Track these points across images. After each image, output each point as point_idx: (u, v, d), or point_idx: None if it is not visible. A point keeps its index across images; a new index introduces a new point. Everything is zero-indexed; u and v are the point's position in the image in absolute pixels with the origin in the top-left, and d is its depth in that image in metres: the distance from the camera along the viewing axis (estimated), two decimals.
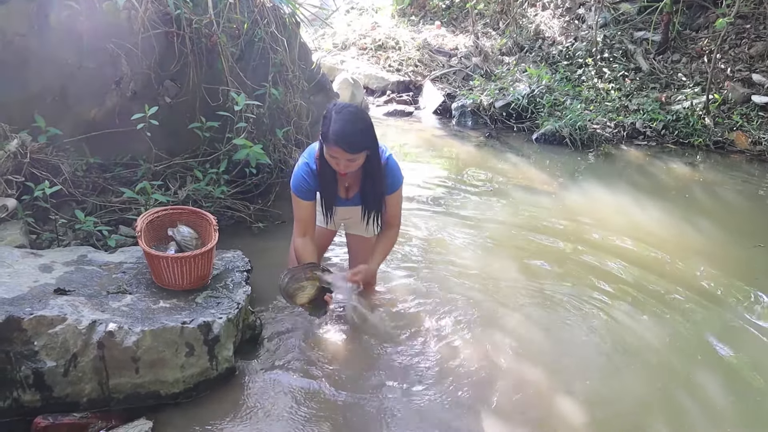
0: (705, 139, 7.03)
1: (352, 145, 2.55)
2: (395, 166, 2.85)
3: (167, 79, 3.94)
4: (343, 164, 2.61)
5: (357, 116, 2.60)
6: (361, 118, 2.62)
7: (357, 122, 2.58)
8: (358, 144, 2.56)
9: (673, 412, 2.69)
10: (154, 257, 2.62)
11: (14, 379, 2.28)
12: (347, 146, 2.54)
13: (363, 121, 2.61)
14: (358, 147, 2.56)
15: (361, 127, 2.59)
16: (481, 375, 2.82)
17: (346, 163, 2.60)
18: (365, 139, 2.60)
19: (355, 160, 2.60)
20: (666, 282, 3.78)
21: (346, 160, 2.59)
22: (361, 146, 2.58)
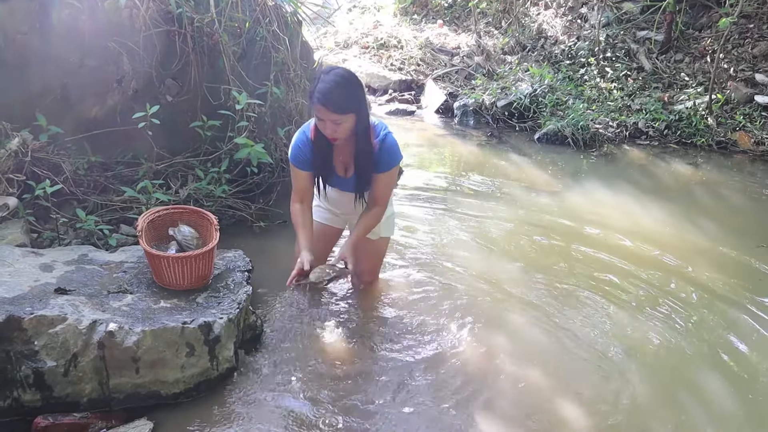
0: (708, 140, 7.02)
1: (335, 104, 2.49)
2: (393, 145, 2.76)
3: (169, 77, 3.93)
4: (329, 127, 2.56)
5: (343, 77, 2.55)
6: (348, 79, 2.56)
7: (342, 82, 2.53)
8: (341, 103, 2.50)
9: (677, 414, 2.68)
10: (155, 257, 2.62)
11: (14, 378, 2.27)
12: (330, 105, 2.49)
13: (349, 82, 2.56)
14: (340, 106, 2.50)
15: (346, 88, 2.54)
16: (483, 376, 2.81)
17: (332, 126, 2.55)
18: (349, 99, 2.54)
19: (340, 122, 2.54)
20: (669, 283, 3.77)
21: (332, 123, 2.53)
22: (345, 106, 2.52)
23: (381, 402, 2.61)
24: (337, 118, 2.52)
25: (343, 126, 2.56)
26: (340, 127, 2.56)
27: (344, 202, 3.00)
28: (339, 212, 3.11)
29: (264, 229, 3.95)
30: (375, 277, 3.37)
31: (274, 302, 3.21)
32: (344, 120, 2.54)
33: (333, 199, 3.05)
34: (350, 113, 2.54)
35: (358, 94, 2.59)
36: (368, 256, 3.22)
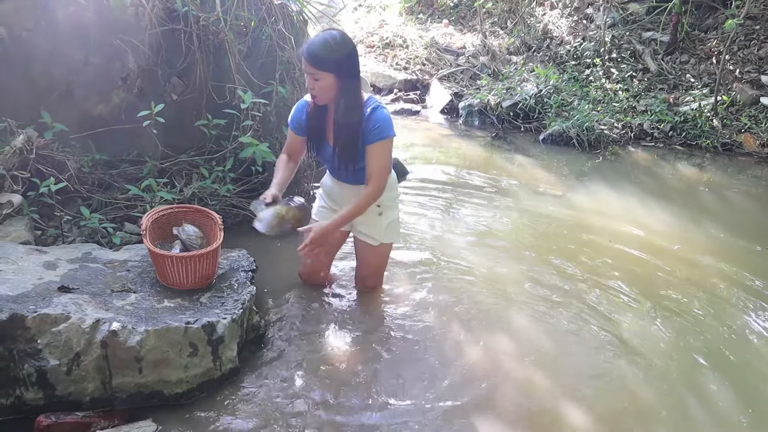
0: (713, 141, 6.99)
1: (313, 57, 2.55)
2: (382, 117, 2.72)
3: (174, 76, 3.93)
4: (309, 81, 2.62)
5: (332, 36, 2.61)
6: (336, 39, 2.60)
7: (328, 40, 2.58)
8: (320, 58, 2.55)
9: (680, 417, 2.67)
10: (159, 256, 2.61)
11: (17, 377, 2.27)
12: (309, 57, 2.56)
13: (336, 42, 2.59)
14: (318, 61, 2.55)
15: (330, 46, 2.57)
16: (486, 377, 2.80)
17: (311, 80, 2.61)
18: (329, 57, 2.57)
19: (318, 78, 2.59)
20: (673, 285, 3.76)
21: (311, 77, 2.60)
22: (323, 62, 2.56)
23: (384, 403, 2.60)
24: (314, 72, 2.58)
25: (321, 83, 2.61)
26: (318, 84, 2.61)
27: (344, 195, 2.99)
28: (339, 208, 3.04)
29: None
30: (378, 283, 3.36)
31: (278, 303, 3.21)
32: (322, 77, 2.59)
33: (334, 193, 3.06)
34: (328, 71, 2.58)
35: (341, 56, 2.60)
36: (370, 261, 3.22)
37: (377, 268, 3.28)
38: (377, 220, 3.02)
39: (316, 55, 2.56)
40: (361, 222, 3.05)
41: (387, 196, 2.97)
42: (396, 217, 3.10)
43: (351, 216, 2.85)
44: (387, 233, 3.07)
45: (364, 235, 3.09)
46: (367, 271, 3.27)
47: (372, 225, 3.04)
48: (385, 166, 2.79)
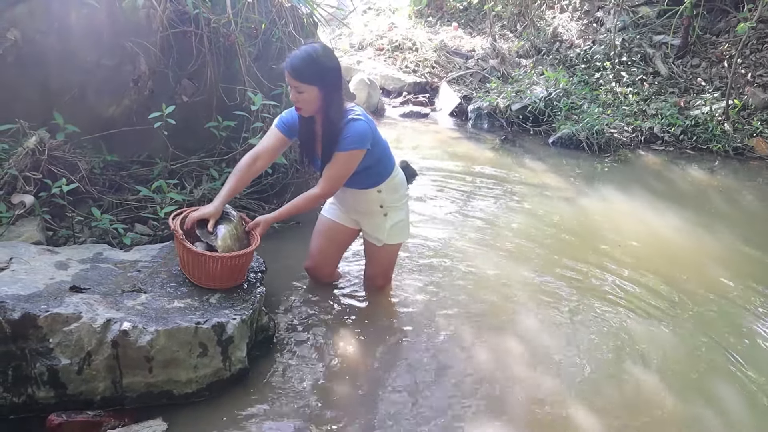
0: (724, 145, 6.96)
1: (295, 70, 2.57)
2: (359, 129, 2.70)
3: (185, 78, 3.95)
4: (293, 94, 2.64)
5: (315, 50, 2.62)
6: (318, 52, 2.62)
7: (311, 53, 2.60)
8: (300, 71, 2.57)
9: (688, 422, 2.65)
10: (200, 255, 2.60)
11: (29, 375, 2.28)
12: (291, 70, 2.58)
13: (318, 55, 2.61)
14: (300, 74, 2.57)
15: (312, 59, 2.59)
16: (493, 380, 2.80)
17: (294, 93, 2.62)
18: (311, 71, 2.59)
19: (300, 90, 2.60)
20: (682, 289, 3.74)
21: (294, 90, 2.61)
22: (304, 75, 2.58)
23: (393, 403, 2.60)
24: (297, 85, 2.59)
25: (304, 96, 2.62)
26: (301, 96, 2.62)
27: (346, 200, 3.05)
28: (345, 209, 3.12)
29: (277, 230, 3.95)
30: (387, 281, 3.38)
31: (288, 304, 3.22)
32: (304, 89, 2.60)
33: (339, 197, 3.07)
34: (311, 84, 2.60)
35: (323, 69, 2.62)
36: (377, 261, 3.24)
37: (384, 267, 3.30)
38: (381, 221, 3.05)
39: (299, 68, 2.58)
40: (367, 223, 3.09)
41: (391, 197, 3.01)
42: (402, 218, 3.11)
43: (288, 212, 2.83)
44: (391, 234, 3.08)
45: (369, 236, 3.12)
46: (375, 270, 3.28)
47: (376, 226, 3.06)
48: (340, 175, 2.77)
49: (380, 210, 3.01)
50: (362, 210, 3.06)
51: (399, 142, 6.92)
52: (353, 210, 3.09)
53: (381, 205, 3.00)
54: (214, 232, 2.70)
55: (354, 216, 3.13)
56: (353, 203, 3.05)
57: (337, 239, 3.21)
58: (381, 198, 2.99)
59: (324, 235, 3.20)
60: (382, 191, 2.98)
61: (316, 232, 3.23)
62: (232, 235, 2.70)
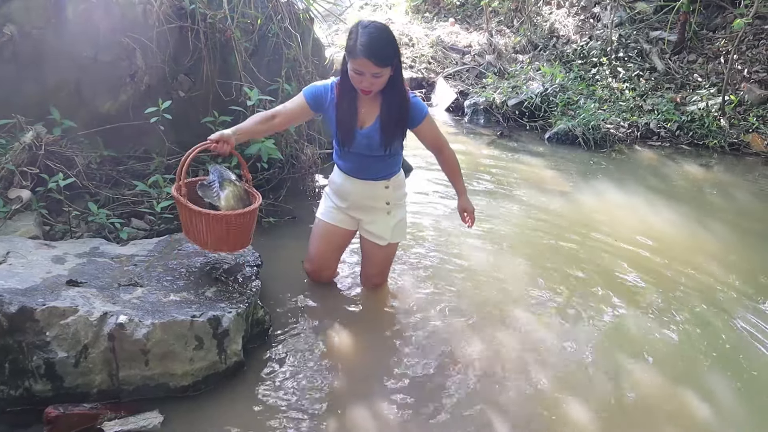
0: (720, 141, 6.97)
1: (379, 57, 2.53)
2: (415, 100, 2.84)
3: (181, 73, 3.96)
4: (367, 80, 2.59)
5: (384, 29, 2.61)
6: (389, 31, 2.62)
7: (385, 35, 2.58)
8: (385, 56, 2.55)
9: (685, 418, 2.67)
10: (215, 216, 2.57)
11: (26, 368, 2.30)
12: (374, 57, 2.52)
13: (390, 34, 2.62)
14: (385, 59, 2.55)
15: (388, 40, 2.59)
16: (487, 376, 2.81)
17: (371, 79, 2.59)
18: (392, 52, 2.60)
19: (380, 75, 2.59)
20: (678, 285, 3.76)
21: (372, 76, 2.57)
22: (388, 59, 2.57)
23: (386, 397, 2.62)
24: (379, 71, 2.57)
25: (382, 79, 2.61)
26: (378, 81, 2.61)
27: (356, 193, 3.01)
28: (347, 206, 3.07)
29: (273, 224, 3.97)
30: (384, 280, 3.38)
31: (283, 298, 3.24)
32: (384, 73, 2.59)
33: (344, 191, 3.04)
34: (390, 66, 2.60)
35: (397, 48, 2.66)
36: (376, 261, 3.24)
37: (384, 266, 3.31)
38: (386, 219, 3.06)
39: (383, 55, 2.55)
40: (370, 221, 3.08)
41: (396, 194, 3.04)
42: (403, 217, 3.14)
43: (459, 173, 3.16)
44: (395, 233, 3.10)
45: (372, 235, 3.10)
46: (373, 269, 3.29)
47: (381, 224, 3.07)
48: (440, 132, 2.97)
49: (385, 207, 3.03)
50: (368, 206, 3.04)
51: None
52: (357, 207, 3.06)
53: (387, 202, 3.02)
54: (216, 192, 2.70)
55: (356, 214, 3.09)
56: (360, 198, 3.03)
57: (336, 242, 3.21)
58: (388, 194, 3.01)
59: (323, 238, 3.18)
60: (390, 187, 3.00)
61: (315, 235, 3.21)
62: (234, 196, 2.71)
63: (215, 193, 2.71)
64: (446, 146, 3.02)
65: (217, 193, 2.70)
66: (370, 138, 2.82)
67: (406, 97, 2.77)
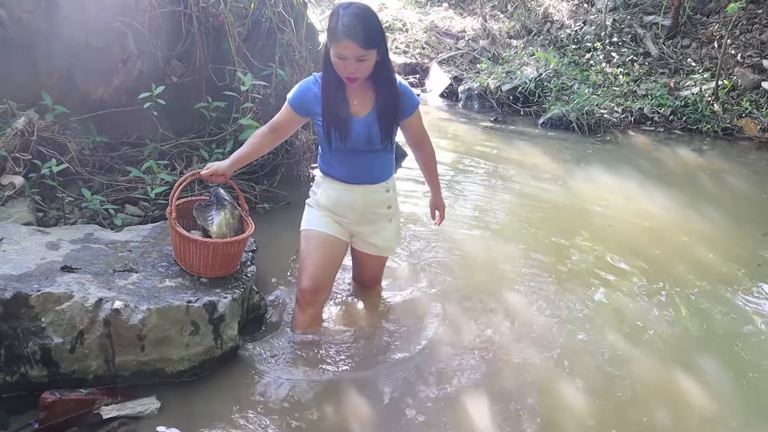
0: (713, 126, 6.99)
1: (363, 38, 2.34)
2: (407, 88, 2.67)
3: (174, 58, 3.93)
4: (352, 65, 2.40)
5: (368, 10, 2.43)
6: (372, 12, 2.45)
7: (368, 14, 2.41)
8: (369, 36, 2.36)
9: (677, 400, 2.70)
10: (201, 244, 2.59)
11: (22, 354, 2.30)
12: (358, 38, 2.33)
13: (374, 15, 2.46)
14: (369, 40, 2.36)
15: (372, 20, 2.41)
16: (483, 362, 2.83)
17: (356, 63, 2.40)
18: (377, 33, 2.41)
19: (365, 58, 2.39)
20: (672, 269, 3.78)
21: (356, 59, 2.38)
22: (373, 40, 2.38)
23: (381, 383, 2.63)
24: (364, 53, 2.37)
25: (366, 63, 2.42)
26: (362, 65, 2.42)
27: (356, 201, 2.74)
28: (351, 221, 2.79)
29: (268, 210, 3.97)
30: (377, 283, 3.21)
31: (278, 283, 3.24)
32: (369, 56, 2.41)
33: (342, 203, 2.75)
34: (374, 48, 2.41)
35: (382, 30, 2.48)
36: (373, 268, 3.09)
37: (378, 272, 3.15)
38: (389, 227, 2.85)
39: (367, 36, 2.36)
40: (373, 232, 2.83)
41: (394, 196, 2.86)
42: (399, 226, 2.96)
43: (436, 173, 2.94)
44: (398, 237, 2.96)
45: (374, 247, 2.88)
46: (367, 274, 3.11)
47: (385, 234, 2.84)
48: (424, 126, 2.82)
49: (387, 213, 2.82)
50: (371, 217, 2.80)
51: None
52: (362, 217, 2.79)
53: (389, 206, 2.82)
54: (211, 217, 2.70)
55: (357, 227, 2.81)
56: (364, 209, 2.77)
57: (336, 255, 2.82)
58: (389, 198, 2.81)
59: (322, 250, 2.75)
60: (390, 189, 2.81)
61: (310, 248, 2.75)
62: (228, 223, 2.70)
63: (210, 218, 2.70)
64: (429, 142, 2.85)
65: (211, 218, 2.70)
66: (369, 127, 2.60)
67: (396, 84, 2.60)
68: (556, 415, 2.54)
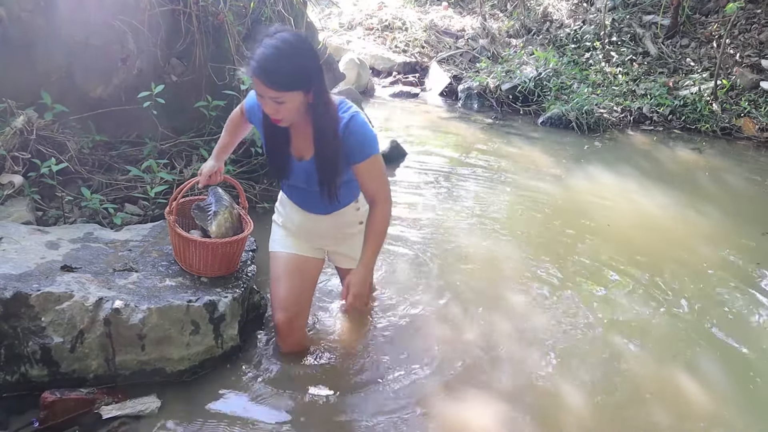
0: (712, 125, 6.99)
1: (275, 79, 2.01)
2: (362, 127, 2.22)
3: (173, 57, 3.93)
4: (270, 106, 2.08)
5: (290, 43, 2.03)
6: (295, 45, 2.03)
7: (287, 50, 2.01)
8: (283, 78, 2.01)
9: (676, 398, 2.71)
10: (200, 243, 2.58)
11: (22, 354, 2.30)
12: (268, 79, 2.01)
13: (296, 50, 2.03)
14: (283, 82, 2.02)
15: (291, 57, 2.02)
16: (482, 360, 2.84)
17: (273, 104, 2.07)
18: (296, 73, 2.03)
19: (281, 101, 2.05)
20: (670, 268, 3.79)
21: (272, 100, 2.05)
22: (288, 82, 2.02)
23: (382, 380, 2.64)
24: (277, 95, 2.04)
25: (287, 106, 2.08)
26: (282, 107, 2.08)
27: (324, 228, 2.55)
28: (319, 244, 2.63)
29: (268, 210, 3.95)
30: (369, 301, 2.69)
31: None
32: (288, 99, 2.06)
33: (310, 230, 2.58)
34: (296, 90, 2.06)
35: (308, 67, 2.07)
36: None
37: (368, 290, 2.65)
38: (360, 240, 2.43)
39: (280, 77, 2.02)
40: (349, 248, 2.60)
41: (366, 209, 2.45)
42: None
43: (379, 245, 2.36)
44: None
45: (348, 259, 2.62)
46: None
47: (357, 247, 2.44)
48: (384, 179, 2.33)
49: (360, 226, 2.51)
50: (341, 235, 2.58)
51: (389, 122, 6.91)
52: (332, 240, 2.60)
53: (361, 222, 2.50)
54: (210, 218, 2.69)
55: (326, 245, 2.62)
56: (332, 231, 2.56)
57: (309, 276, 2.63)
58: (361, 215, 2.52)
59: (292, 274, 2.58)
60: (360, 207, 2.53)
61: (279, 274, 2.59)
62: (226, 223, 2.68)
63: (209, 218, 2.68)
64: (382, 202, 2.32)
65: (210, 218, 2.68)
66: (309, 174, 2.33)
67: (337, 131, 2.20)
68: (555, 415, 2.55)
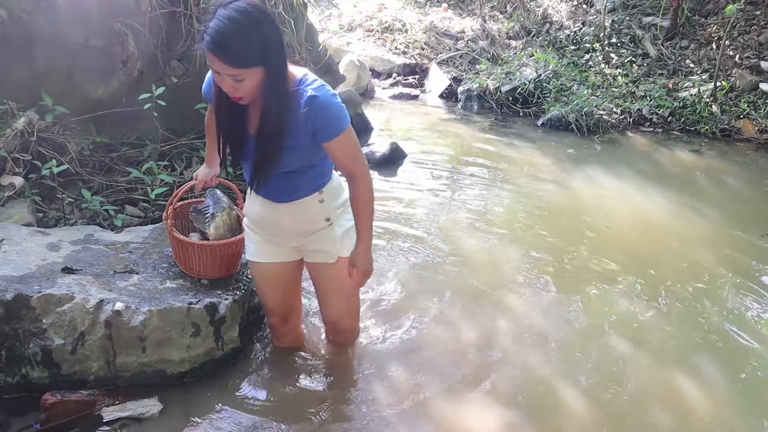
0: (711, 127, 6.99)
1: (230, 54, 1.81)
2: (330, 101, 2.01)
3: (174, 59, 3.94)
4: (227, 83, 1.89)
5: (247, 14, 1.82)
6: (254, 17, 1.83)
7: (244, 22, 1.81)
8: (241, 53, 1.82)
9: (676, 399, 2.71)
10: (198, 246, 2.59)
11: (23, 356, 2.30)
12: (223, 54, 1.81)
13: (255, 22, 1.83)
14: (240, 57, 1.83)
15: (250, 30, 1.82)
16: (482, 361, 2.84)
17: (231, 82, 1.88)
18: (255, 47, 1.84)
19: (241, 78, 1.86)
20: (671, 270, 3.79)
21: (230, 77, 1.86)
22: (245, 57, 1.83)
23: (382, 381, 2.64)
24: (235, 72, 1.85)
25: (247, 83, 1.89)
26: (242, 85, 1.89)
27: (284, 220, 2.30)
28: (281, 240, 2.38)
29: None
30: (354, 325, 2.69)
31: None
32: (247, 75, 1.87)
33: (269, 221, 2.33)
34: (256, 66, 1.87)
35: (268, 39, 1.88)
36: (335, 288, 2.47)
37: (345, 299, 2.53)
38: (329, 231, 2.33)
39: (235, 50, 1.82)
40: (312, 242, 2.36)
41: (334, 205, 2.31)
42: (351, 225, 2.31)
43: (371, 219, 2.23)
44: (345, 243, 2.34)
45: (318, 253, 2.38)
46: (337, 306, 2.55)
47: (325, 238, 2.33)
48: (359, 151, 2.15)
49: (326, 223, 2.31)
50: (304, 231, 2.32)
51: (388, 123, 6.92)
52: (293, 234, 2.35)
53: (327, 218, 2.31)
54: (208, 220, 2.68)
55: (294, 243, 2.38)
56: (292, 225, 2.31)
57: (287, 280, 2.52)
58: (325, 209, 2.29)
59: (269, 284, 2.50)
60: (324, 200, 2.28)
61: (260, 283, 2.52)
62: (225, 225, 2.67)
63: (207, 220, 2.67)
64: (362, 176, 2.16)
65: (208, 221, 2.66)
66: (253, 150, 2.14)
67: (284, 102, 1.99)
68: (555, 416, 2.55)
